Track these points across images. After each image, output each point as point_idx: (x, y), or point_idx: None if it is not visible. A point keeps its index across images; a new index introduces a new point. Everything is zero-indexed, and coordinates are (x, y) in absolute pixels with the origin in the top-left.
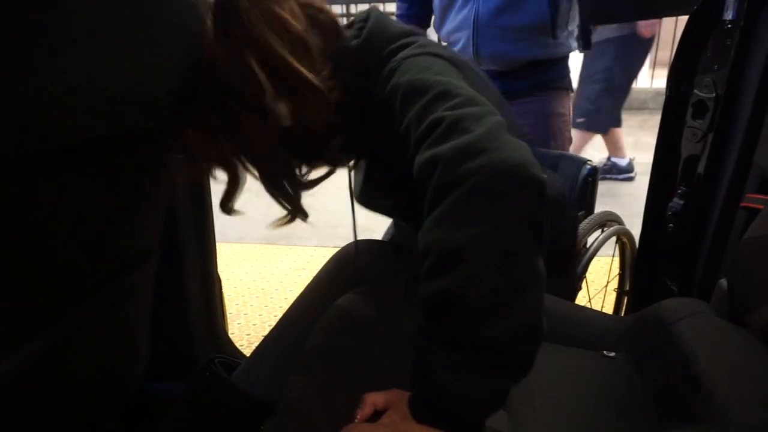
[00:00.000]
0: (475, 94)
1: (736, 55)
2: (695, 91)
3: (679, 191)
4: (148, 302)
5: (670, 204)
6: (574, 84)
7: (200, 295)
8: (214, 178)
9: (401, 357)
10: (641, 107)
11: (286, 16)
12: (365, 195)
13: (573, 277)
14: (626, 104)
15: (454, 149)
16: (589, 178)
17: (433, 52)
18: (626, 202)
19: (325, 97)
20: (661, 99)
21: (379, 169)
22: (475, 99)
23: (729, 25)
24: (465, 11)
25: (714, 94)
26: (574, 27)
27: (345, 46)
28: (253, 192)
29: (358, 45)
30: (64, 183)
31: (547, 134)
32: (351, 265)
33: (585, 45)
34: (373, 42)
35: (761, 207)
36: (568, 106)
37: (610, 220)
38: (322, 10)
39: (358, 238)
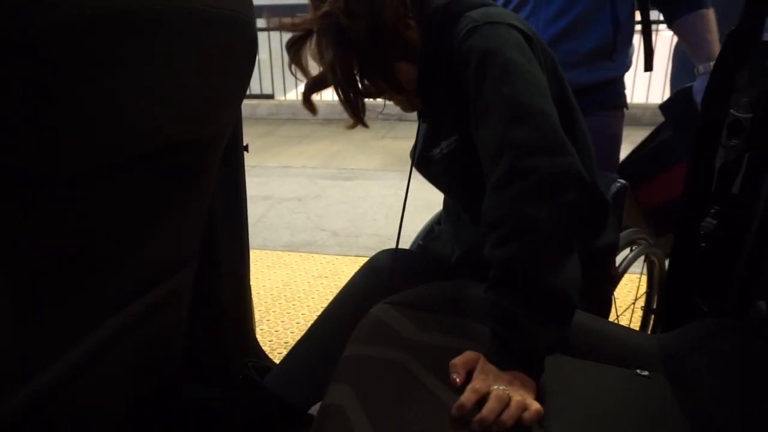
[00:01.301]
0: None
1: None
2: (731, 110)
3: (713, 210)
4: (187, 305)
5: (703, 224)
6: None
7: (233, 299)
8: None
9: (436, 366)
10: (635, 124)
11: None
12: (425, 155)
13: (609, 302)
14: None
15: (528, 143)
16: (619, 196)
17: (512, 24)
18: None
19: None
20: (657, 115)
21: (441, 117)
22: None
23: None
24: None
25: (751, 114)
26: (631, 48)
27: (435, 5)
28: (276, 199)
29: (446, 2)
30: (125, 190)
31: (598, 154)
32: (383, 274)
33: (648, 66)
34: (460, 1)
35: None
36: (622, 125)
37: (639, 238)
38: None
39: (383, 248)
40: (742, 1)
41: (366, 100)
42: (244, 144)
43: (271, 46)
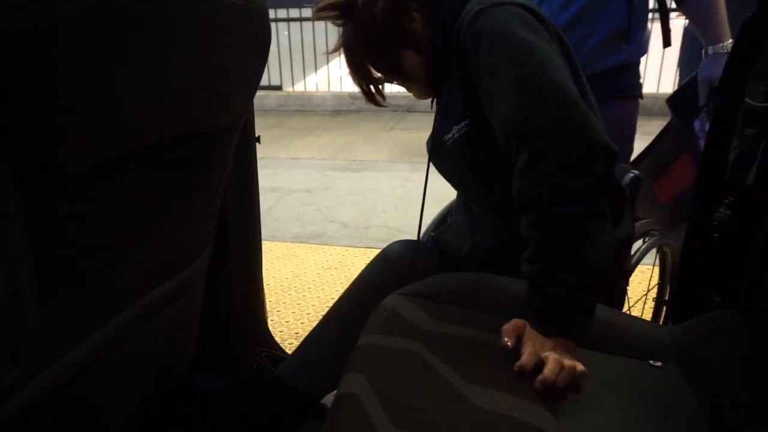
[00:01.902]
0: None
1: None
2: (746, 99)
3: (726, 201)
4: (200, 296)
5: (716, 214)
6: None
7: (246, 290)
8: None
9: (449, 356)
10: (646, 114)
11: None
12: (437, 142)
13: (622, 294)
14: None
15: (550, 120)
16: (632, 187)
17: (519, 3)
18: None
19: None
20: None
21: (452, 103)
22: (557, 63)
23: None
24: None
25: (766, 104)
26: (647, 32)
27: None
28: (285, 191)
29: None
30: (139, 182)
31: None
32: (395, 265)
33: (666, 42)
34: None
35: None
36: (636, 115)
37: (651, 230)
38: None
39: (393, 239)
40: None
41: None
42: (256, 136)
43: (278, 37)
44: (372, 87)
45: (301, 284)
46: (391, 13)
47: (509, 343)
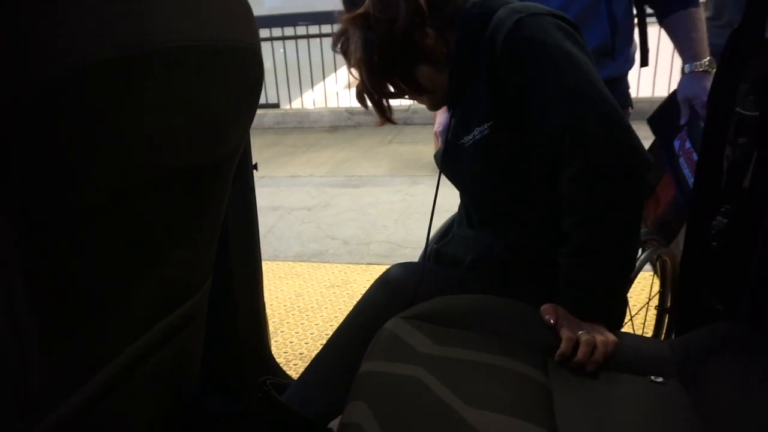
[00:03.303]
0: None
1: None
2: (738, 109)
3: (723, 209)
4: (203, 326)
5: (714, 222)
6: None
7: (248, 316)
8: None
9: (452, 380)
10: (642, 118)
11: None
12: (454, 146)
13: (624, 303)
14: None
15: (604, 131)
16: None
17: (555, 14)
18: None
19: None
20: None
21: (476, 107)
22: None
23: None
24: None
25: (757, 113)
26: (633, 46)
27: (469, 5)
28: (285, 209)
29: (482, 2)
30: (140, 217)
31: None
32: (396, 288)
33: (644, 61)
34: (492, 1)
35: None
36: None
37: (650, 239)
38: None
39: (394, 255)
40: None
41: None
42: (253, 163)
43: (274, 55)
44: (384, 102)
45: (304, 304)
46: (410, 27)
47: (551, 320)
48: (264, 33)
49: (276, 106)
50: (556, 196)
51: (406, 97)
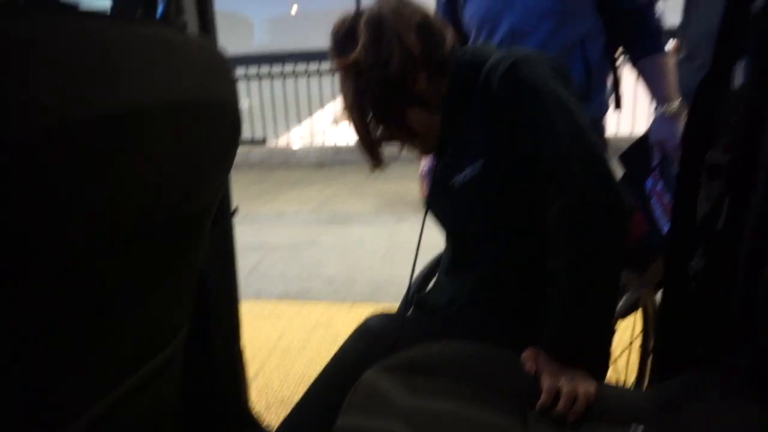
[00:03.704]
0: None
1: (749, 120)
2: (709, 154)
3: (700, 251)
4: (179, 375)
5: (692, 263)
6: None
7: (226, 366)
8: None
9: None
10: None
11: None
12: (445, 184)
13: (608, 351)
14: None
15: (593, 176)
16: None
17: (547, 61)
18: None
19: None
20: None
21: (468, 145)
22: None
23: (740, 90)
24: None
25: (728, 158)
26: (607, 90)
27: (462, 51)
28: (269, 247)
29: (473, 48)
30: (117, 269)
31: None
32: (376, 337)
33: (617, 104)
34: (487, 46)
35: None
36: None
37: (629, 280)
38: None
39: (379, 294)
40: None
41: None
42: (234, 207)
43: (262, 91)
44: (376, 146)
45: (286, 344)
46: (402, 73)
47: (533, 369)
48: (253, 70)
49: (263, 142)
50: (541, 239)
51: (397, 141)
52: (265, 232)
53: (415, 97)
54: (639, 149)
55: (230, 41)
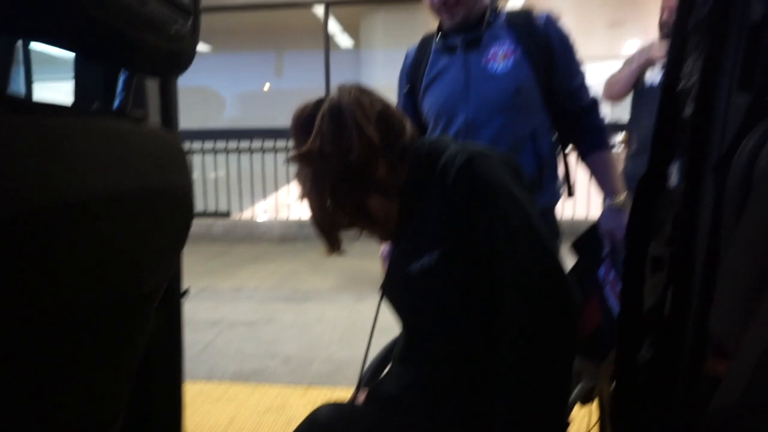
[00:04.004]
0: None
1: (684, 221)
2: (652, 246)
3: (647, 342)
4: None
5: (639, 355)
6: None
7: None
8: None
9: None
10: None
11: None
12: (402, 272)
13: None
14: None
15: (541, 272)
16: None
17: (500, 156)
18: None
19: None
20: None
21: (425, 235)
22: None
23: (674, 191)
24: None
25: (668, 253)
26: (558, 179)
27: (419, 142)
28: (225, 324)
29: (430, 140)
30: (51, 355)
31: None
32: (326, 430)
33: (570, 193)
34: (443, 139)
35: (721, 375)
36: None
37: (585, 369)
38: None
39: (336, 375)
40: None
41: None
42: (184, 288)
43: (228, 165)
44: (335, 233)
45: (236, 430)
46: (363, 160)
47: None
48: (221, 144)
49: (227, 215)
50: (494, 332)
51: (355, 228)
52: (223, 308)
53: (375, 185)
54: (590, 238)
55: (200, 114)
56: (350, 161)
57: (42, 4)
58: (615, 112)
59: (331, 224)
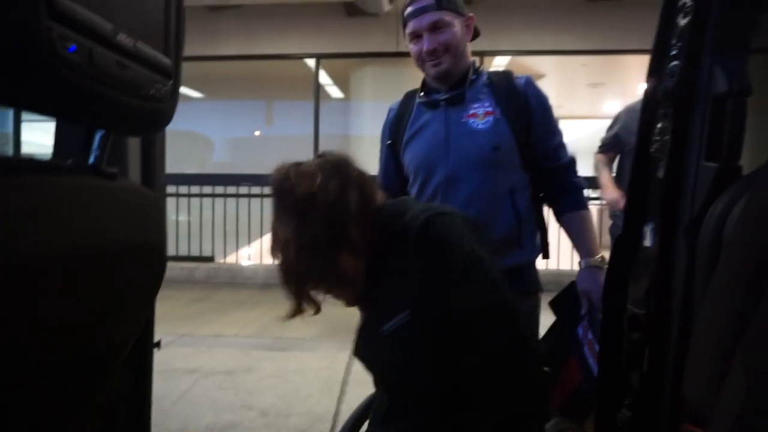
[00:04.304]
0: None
1: (658, 282)
2: (629, 305)
3: (626, 402)
4: None
5: (619, 414)
6: None
7: None
8: None
9: None
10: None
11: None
12: (374, 333)
13: None
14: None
15: (500, 331)
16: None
17: (460, 215)
18: None
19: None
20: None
21: (394, 295)
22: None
23: (648, 251)
24: None
25: (645, 310)
26: (537, 234)
27: (385, 203)
28: (203, 372)
29: (395, 201)
30: (19, 408)
31: None
32: None
33: (545, 254)
34: (407, 200)
35: None
36: (538, 309)
37: (567, 427)
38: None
39: (315, 429)
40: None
41: None
42: (156, 340)
43: (214, 209)
44: (305, 291)
45: None
46: (345, 221)
47: None
48: (207, 189)
49: (210, 259)
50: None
51: (327, 292)
52: (200, 356)
53: (348, 245)
54: (567, 296)
55: (190, 158)
56: (331, 223)
57: (17, 70)
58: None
59: (304, 283)
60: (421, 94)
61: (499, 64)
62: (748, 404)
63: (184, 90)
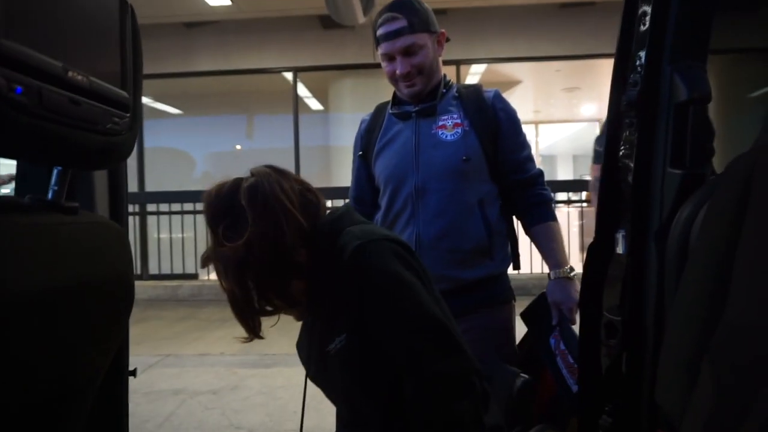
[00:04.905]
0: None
1: (631, 286)
2: (605, 312)
3: (607, 408)
4: None
5: (600, 421)
6: None
7: None
8: None
9: None
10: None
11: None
12: (322, 352)
13: None
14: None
15: (432, 354)
16: (524, 391)
17: (391, 238)
18: None
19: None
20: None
21: (333, 317)
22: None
23: (621, 258)
24: (406, 234)
25: (620, 317)
26: (508, 244)
27: (322, 221)
28: (188, 393)
29: (331, 219)
30: None
31: (492, 348)
32: None
33: (515, 265)
34: (343, 219)
35: None
36: (513, 318)
37: None
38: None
39: None
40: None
41: None
42: (132, 369)
43: (196, 226)
44: (256, 317)
45: None
46: (290, 249)
47: None
48: (189, 206)
49: (194, 276)
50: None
51: (275, 310)
52: (186, 376)
53: (297, 267)
54: (539, 308)
55: (170, 175)
56: (279, 247)
57: None
58: (579, 169)
59: (254, 310)
60: (392, 106)
61: (475, 72)
62: (718, 406)
63: (162, 107)
